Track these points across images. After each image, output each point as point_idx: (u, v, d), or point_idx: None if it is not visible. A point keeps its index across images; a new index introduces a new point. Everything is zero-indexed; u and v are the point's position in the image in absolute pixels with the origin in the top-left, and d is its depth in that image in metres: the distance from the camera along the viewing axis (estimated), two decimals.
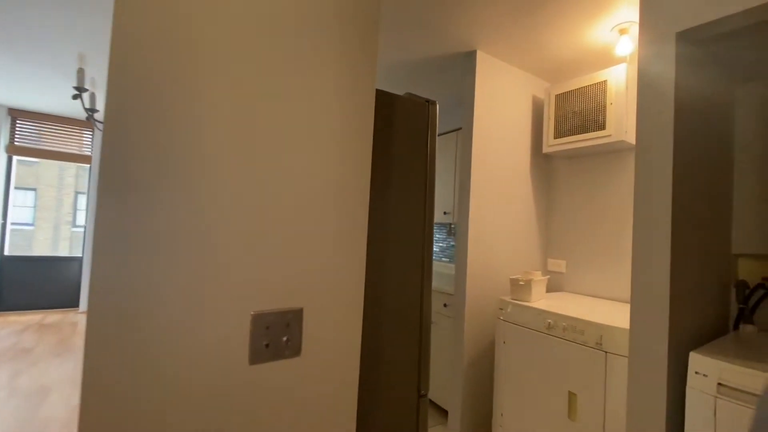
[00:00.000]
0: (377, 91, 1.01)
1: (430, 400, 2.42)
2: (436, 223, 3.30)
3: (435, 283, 2.53)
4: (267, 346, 0.73)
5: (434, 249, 3.35)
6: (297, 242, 0.77)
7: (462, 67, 2.17)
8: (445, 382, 2.26)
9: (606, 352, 1.42)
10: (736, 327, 1.50)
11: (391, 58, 2.22)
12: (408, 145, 1.13)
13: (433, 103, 1.18)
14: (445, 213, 2.83)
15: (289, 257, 0.76)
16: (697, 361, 1.12)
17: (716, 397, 1.06)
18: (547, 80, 2.37)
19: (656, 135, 1.30)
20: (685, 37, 1.26)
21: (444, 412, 2.32)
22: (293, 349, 0.76)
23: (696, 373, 1.12)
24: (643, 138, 1.33)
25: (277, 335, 0.74)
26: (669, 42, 1.27)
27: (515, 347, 1.77)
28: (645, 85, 1.33)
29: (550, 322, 1.62)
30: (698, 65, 1.36)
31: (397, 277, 1.09)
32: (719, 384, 1.06)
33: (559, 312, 1.61)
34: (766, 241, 1.50)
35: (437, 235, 3.33)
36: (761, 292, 1.47)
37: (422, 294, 1.14)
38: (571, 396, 1.52)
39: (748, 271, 1.53)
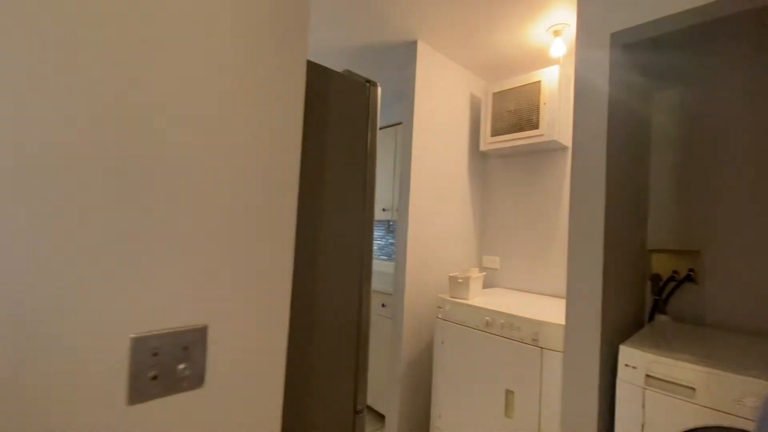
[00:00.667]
0: (308, 62, 0.85)
1: (367, 405, 2.31)
2: (375, 221, 3.21)
3: (373, 283, 2.42)
4: (155, 378, 0.55)
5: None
6: (201, 241, 0.59)
7: (403, 57, 2.09)
8: (383, 386, 2.17)
9: (542, 348, 1.43)
10: (651, 317, 1.60)
11: (327, 43, 2.06)
12: (346, 130, 1.00)
13: (375, 84, 1.06)
14: (384, 210, 2.74)
15: (189, 260, 0.58)
16: (626, 353, 1.15)
17: (644, 388, 1.09)
18: (484, 78, 2.39)
19: (591, 135, 1.32)
20: (618, 38, 1.29)
21: (381, 417, 2.23)
22: (193, 378, 0.59)
23: (626, 365, 1.15)
24: (580, 138, 1.35)
25: (169, 363, 0.57)
26: (604, 42, 1.30)
27: (454, 346, 1.73)
28: (581, 85, 1.34)
29: (488, 320, 1.60)
30: (625, 70, 1.42)
31: (332, 281, 0.95)
32: (647, 375, 1.09)
33: (497, 309, 1.60)
34: (676, 238, 1.62)
35: (375, 233, 3.24)
36: (672, 284, 1.59)
37: (361, 299, 1.02)
38: (509, 394, 1.51)
39: (660, 265, 1.65)
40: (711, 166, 1.55)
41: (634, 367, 1.13)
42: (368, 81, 1.03)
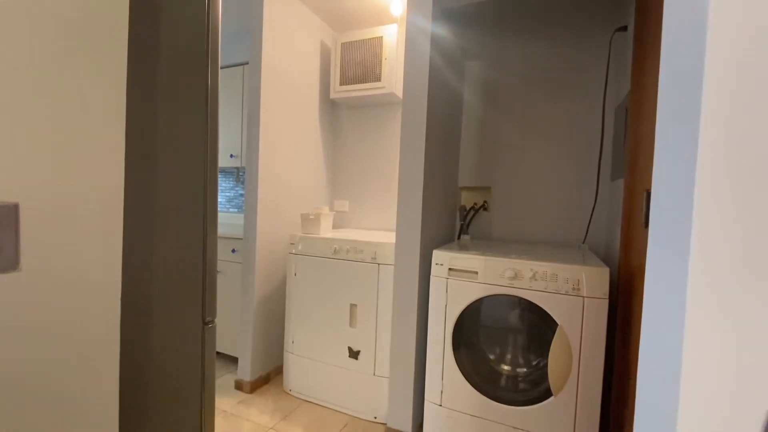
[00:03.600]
0: None
1: (218, 353, 2.28)
2: (222, 169, 3.01)
3: (222, 231, 2.33)
4: None
5: (221, 199, 3.07)
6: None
7: None
8: (235, 332, 2.17)
9: (379, 264, 1.69)
10: (459, 237, 2.07)
11: None
12: (182, 51, 0.95)
13: None
14: (231, 156, 2.61)
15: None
16: (437, 255, 1.49)
17: (447, 278, 1.45)
18: (333, 28, 2.47)
19: (416, 91, 1.57)
20: (440, 1, 1.55)
21: (234, 360, 2.25)
22: (4, 260, 0.54)
23: (436, 264, 1.49)
24: (408, 93, 1.59)
25: None
26: (428, 4, 1.54)
27: (306, 276, 1.87)
28: (410, 44, 1.56)
29: (336, 248, 1.78)
30: (445, 35, 1.71)
31: (168, 202, 0.93)
32: (450, 269, 1.45)
33: (343, 238, 1.79)
34: (476, 177, 2.10)
35: (223, 184, 3.05)
36: (472, 213, 2.07)
37: (206, 228, 1.02)
38: (352, 307, 1.74)
39: (466, 199, 2.12)
40: (497, 124, 2.04)
41: (441, 264, 1.47)
42: None
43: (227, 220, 2.98)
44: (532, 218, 1.96)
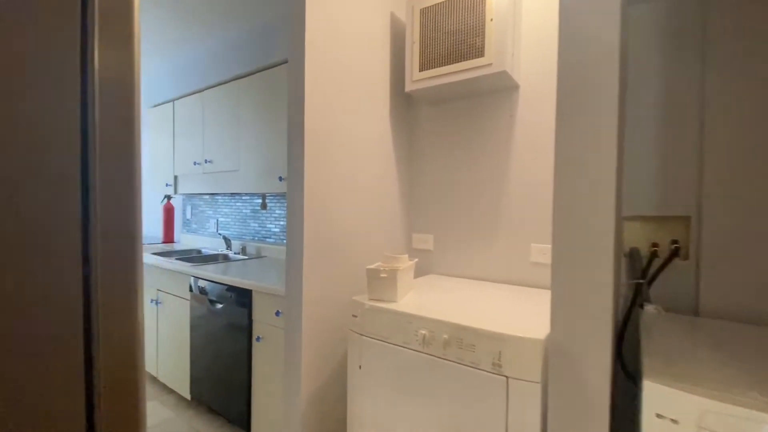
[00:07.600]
0: None
1: None
2: (273, 195, 2.49)
3: (271, 282, 1.76)
4: None
5: (275, 229, 2.55)
6: None
7: None
8: (277, 423, 1.55)
9: (507, 377, 0.92)
10: (631, 309, 1.20)
11: None
12: None
13: None
14: (281, 179, 2.05)
15: None
16: (658, 394, 0.67)
17: None
18: None
19: (592, 78, 0.84)
20: None
21: None
22: None
23: (658, 416, 0.67)
24: (569, 80, 0.85)
25: None
26: None
27: (375, 371, 1.17)
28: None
29: (424, 334, 1.05)
30: None
31: None
32: (702, 429, 0.62)
33: (437, 317, 1.05)
34: (660, 200, 1.23)
35: (277, 211, 2.52)
36: (658, 262, 1.19)
37: (89, 307, 0.35)
38: None
39: (638, 235, 1.26)
40: (706, 101, 1.15)
41: (673, 421, 0.65)
42: None
43: (282, 255, 2.44)
44: None
